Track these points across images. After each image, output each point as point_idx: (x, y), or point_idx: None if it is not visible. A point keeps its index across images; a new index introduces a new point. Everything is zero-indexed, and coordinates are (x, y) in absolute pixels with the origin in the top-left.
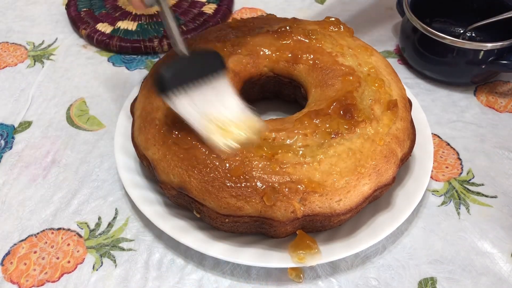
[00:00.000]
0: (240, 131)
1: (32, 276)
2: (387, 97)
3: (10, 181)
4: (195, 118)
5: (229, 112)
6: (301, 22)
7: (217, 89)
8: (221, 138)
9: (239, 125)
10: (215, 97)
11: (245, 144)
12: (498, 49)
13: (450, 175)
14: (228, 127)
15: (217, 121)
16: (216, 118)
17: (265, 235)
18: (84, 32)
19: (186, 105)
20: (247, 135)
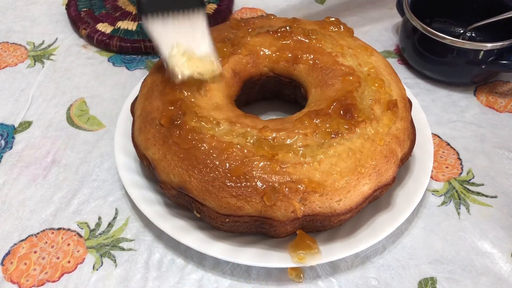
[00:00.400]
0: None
1: (32, 276)
2: (387, 97)
3: (10, 181)
4: (164, 41)
5: (196, 46)
6: (301, 22)
7: (192, 23)
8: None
9: (199, 60)
10: (188, 29)
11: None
12: (498, 49)
13: (450, 175)
14: (189, 58)
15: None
16: (181, 46)
17: (265, 235)
18: (84, 32)
19: (160, 29)
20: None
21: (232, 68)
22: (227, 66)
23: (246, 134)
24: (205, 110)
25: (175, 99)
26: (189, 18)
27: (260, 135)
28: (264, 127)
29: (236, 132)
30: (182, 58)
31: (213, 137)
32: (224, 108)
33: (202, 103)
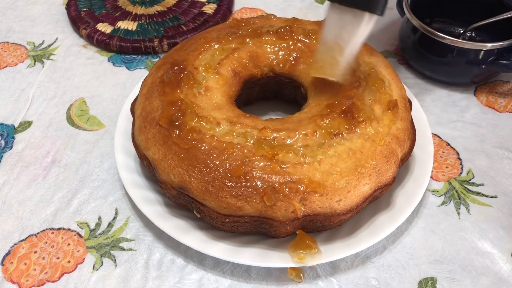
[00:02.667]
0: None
1: (32, 276)
2: (387, 97)
3: (10, 181)
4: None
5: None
6: (301, 22)
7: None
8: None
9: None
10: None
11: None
12: (498, 49)
13: (450, 175)
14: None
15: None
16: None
17: (265, 235)
18: (84, 32)
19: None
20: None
21: (232, 68)
22: (227, 66)
23: (246, 134)
24: (205, 110)
25: (175, 99)
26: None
27: (260, 135)
28: (265, 127)
29: (236, 132)
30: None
31: (213, 137)
32: (224, 108)
33: (202, 103)
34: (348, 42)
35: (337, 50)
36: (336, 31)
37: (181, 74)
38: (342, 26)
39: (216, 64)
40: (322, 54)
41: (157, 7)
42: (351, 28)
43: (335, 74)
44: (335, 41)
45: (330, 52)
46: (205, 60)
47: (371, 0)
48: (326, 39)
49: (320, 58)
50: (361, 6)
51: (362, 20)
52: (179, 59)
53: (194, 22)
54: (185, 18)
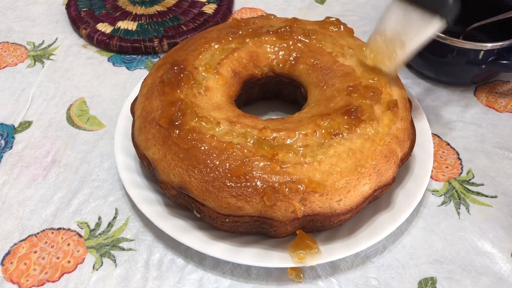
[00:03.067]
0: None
1: (32, 276)
2: (387, 97)
3: (10, 181)
4: (388, 21)
5: (401, 44)
6: (301, 22)
7: (422, 25)
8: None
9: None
10: (414, 28)
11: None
12: (498, 49)
13: (450, 175)
14: (381, 50)
15: (387, 38)
16: (398, 38)
17: (265, 235)
18: (84, 32)
19: (398, 10)
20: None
21: (232, 68)
22: (227, 66)
23: (246, 134)
24: (205, 110)
25: (175, 99)
26: (425, 20)
27: (260, 135)
28: (265, 127)
29: (236, 132)
30: (377, 44)
31: (213, 137)
32: (224, 108)
33: (202, 103)
34: (411, 40)
35: (399, 45)
36: (400, 27)
37: (181, 74)
38: (408, 23)
39: (216, 64)
40: (381, 45)
41: (157, 7)
42: (417, 28)
43: (391, 67)
44: (398, 36)
45: (390, 45)
46: (205, 60)
47: (444, 4)
48: (387, 31)
49: (379, 48)
50: (434, 9)
51: (431, 22)
52: (179, 59)
53: (194, 22)
54: (185, 18)
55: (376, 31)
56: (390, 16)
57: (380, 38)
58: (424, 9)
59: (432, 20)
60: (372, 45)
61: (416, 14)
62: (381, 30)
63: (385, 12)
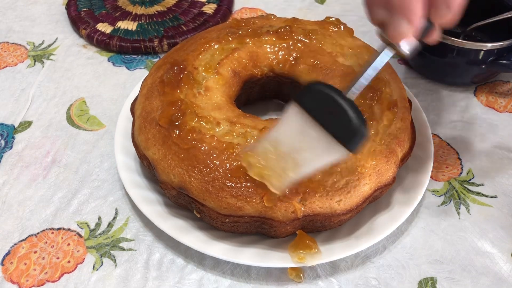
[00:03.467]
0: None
1: (32, 276)
2: (387, 97)
3: (10, 181)
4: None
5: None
6: (301, 22)
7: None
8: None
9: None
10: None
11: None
12: (498, 49)
13: (450, 175)
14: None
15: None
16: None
17: (265, 235)
18: (84, 32)
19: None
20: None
21: (232, 68)
22: (227, 66)
23: (246, 134)
24: (205, 110)
25: (175, 99)
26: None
27: (261, 135)
28: (265, 127)
29: (236, 132)
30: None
31: (213, 137)
32: (224, 108)
33: (202, 103)
34: (307, 163)
35: (291, 165)
36: (296, 143)
37: (181, 74)
38: (306, 142)
39: (216, 64)
40: (270, 159)
41: (157, 7)
42: (316, 151)
43: (279, 187)
44: (291, 153)
45: (281, 163)
46: (205, 60)
47: (353, 136)
48: (279, 143)
49: (268, 161)
50: (341, 139)
51: (333, 149)
52: (179, 59)
53: (194, 22)
54: (185, 18)
55: (268, 137)
56: (287, 124)
57: (272, 150)
58: (327, 132)
59: (334, 146)
60: (261, 155)
61: (316, 133)
62: (273, 139)
63: (282, 116)
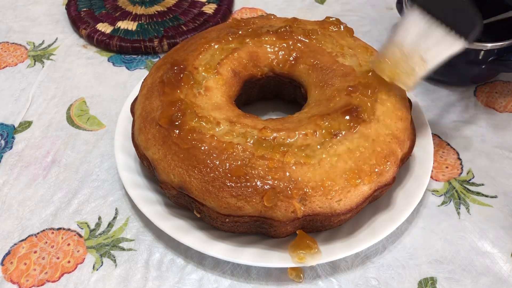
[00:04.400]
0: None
1: (32, 276)
2: (387, 97)
3: (10, 181)
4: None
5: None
6: (301, 22)
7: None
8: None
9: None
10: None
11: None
12: (498, 49)
13: (450, 175)
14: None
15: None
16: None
17: (265, 235)
18: (84, 32)
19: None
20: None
21: (232, 68)
22: (227, 66)
23: (246, 134)
24: (205, 110)
25: (175, 99)
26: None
27: (260, 135)
28: (264, 127)
29: (236, 132)
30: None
31: (213, 137)
32: (224, 108)
33: (202, 103)
34: (432, 58)
35: (419, 63)
36: (420, 41)
37: (181, 74)
38: (429, 39)
39: (216, 64)
40: (399, 59)
41: (157, 7)
42: (439, 46)
43: (409, 84)
44: (417, 51)
45: (409, 62)
46: (205, 60)
47: (471, 26)
48: (405, 44)
49: (397, 63)
50: (459, 30)
51: (454, 42)
52: (179, 59)
53: (194, 22)
54: (185, 18)
55: (393, 41)
56: (409, 27)
57: (399, 51)
58: (447, 27)
59: (456, 40)
60: (391, 59)
61: (438, 30)
62: (398, 42)
63: (403, 22)
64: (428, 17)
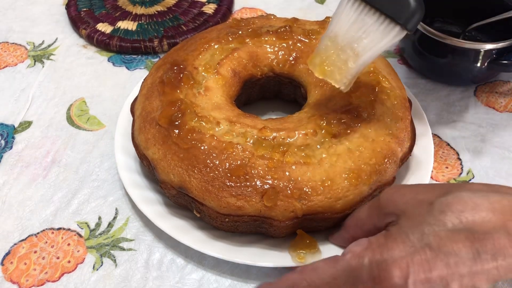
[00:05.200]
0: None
1: (32, 276)
2: (387, 97)
3: (10, 181)
4: (338, 22)
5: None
6: (301, 22)
7: (378, 33)
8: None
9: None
10: (369, 33)
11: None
12: (498, 49)
13: (450, 175)
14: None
15: (349, 50)
16: (351, 47)
17: (265, 235)
18: (84, 32)
19: (350, 11)
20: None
21: (232, 68)
22: (227, 66)
23: (246, 134)
24: (205, 110)
25: (175, 99)
26: (383, 27)
27: (260, 135)
28: (264, 127)
29: (236, 132)
30: (328, 52)
31: (213, 137)
32: (224, 108)
33: (202, 103)
34: (366, 50)
35: (351, 56)
36: (353, 33)
37: (180, 74)
38: (363, 29)
39: (216, 64)
40: (331, 54)
41: (157, 7)
42: (374, 36)
43: (342, 81)
44: (350, 44)
45: (341, 55)
46: (205, 60)
47: (407, 11)
48: (337, 37)
49: (328, 58)
50: (394, 16)
51: (391, 31)
52: (179, 59)
53: (194, 22)
54: (185, 18)
55: (327, 34)
56: (342, 17)
57: (331, 44)
58: (381, 14)
59: (392, 29)
60: (323, 53)
61: (372, 19)
62: (331, 33)
63: (336, 11)
64: (362, 5)
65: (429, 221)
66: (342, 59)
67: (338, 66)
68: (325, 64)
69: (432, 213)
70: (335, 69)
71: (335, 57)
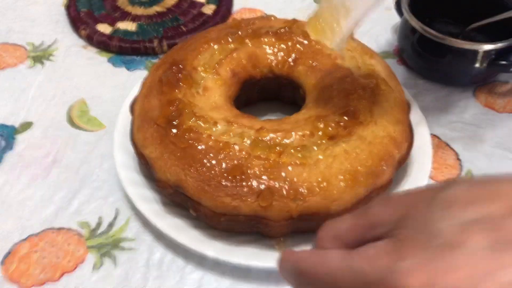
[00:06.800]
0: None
1: (33, 276)
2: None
3: (10, 181)
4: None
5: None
6: (300, 23)
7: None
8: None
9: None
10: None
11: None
12: (497, 50)
13: (449, 175)
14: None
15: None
16: (343, 5)
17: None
18: (84, 32)
19: None
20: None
21: (231, 69)
22: (226, 67)
23: (243, 134)
24: (203, 109)
25: (173, 98)
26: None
27: (257, 136)
28: (261, 127)
29: (233, 132)
30: (322, 11)
31: (210, 137)
32: (222, 108)
33: (200, 103)
34: (356, 5)
35: (342, 12)
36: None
37: (179, 73)
38: None
39: (215, 64)
40: (324, 13)
41: (157, 7)
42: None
43: (335, 40)
44: (342, 2)
45: (334, 13)
46: (204, 60)
47: None
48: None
49: (322, 17)
50: None
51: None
52: (178, 59)
53: (194, 22)
54: (185, 19)
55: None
56: None
57: (325, 3)
58: None
59: None
60: (318, 14)
61: None
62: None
63: None
64: None
65: (436, 218)
66: (335, 17)
67: (330, 25)
68: (318, 23)
69: (437, 210)
70: (327, 27)
71: (328, 16)
